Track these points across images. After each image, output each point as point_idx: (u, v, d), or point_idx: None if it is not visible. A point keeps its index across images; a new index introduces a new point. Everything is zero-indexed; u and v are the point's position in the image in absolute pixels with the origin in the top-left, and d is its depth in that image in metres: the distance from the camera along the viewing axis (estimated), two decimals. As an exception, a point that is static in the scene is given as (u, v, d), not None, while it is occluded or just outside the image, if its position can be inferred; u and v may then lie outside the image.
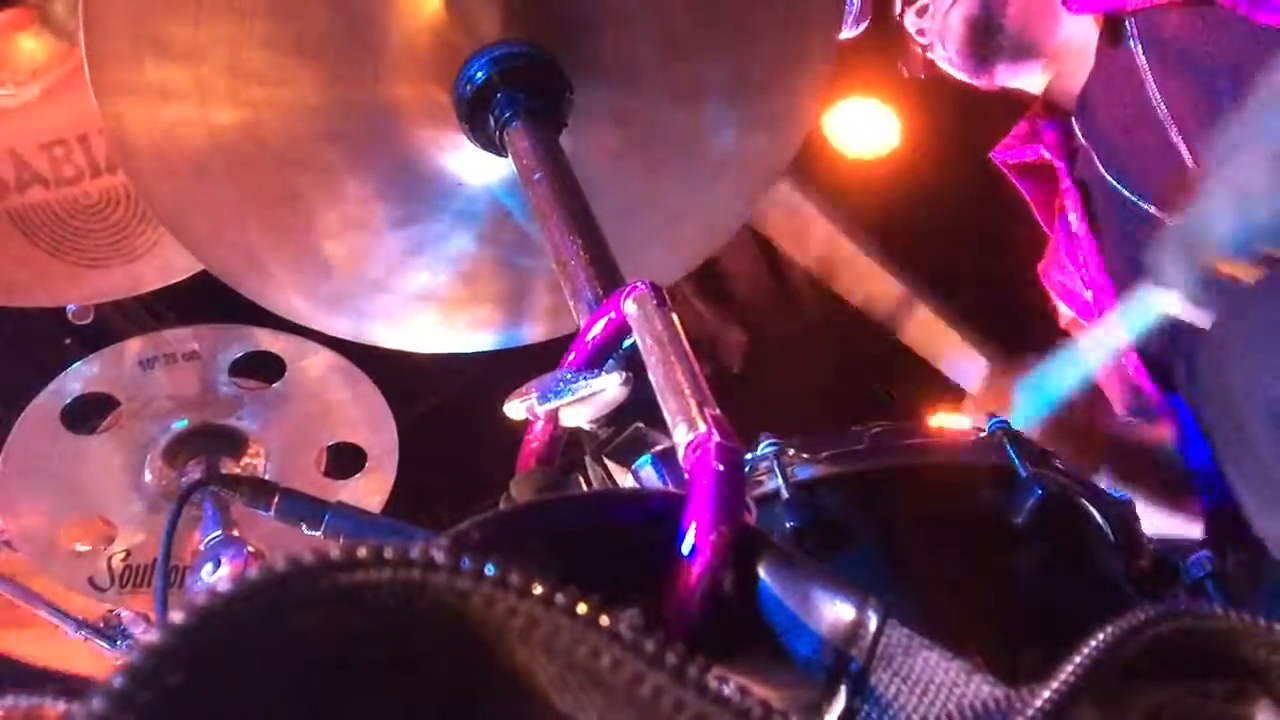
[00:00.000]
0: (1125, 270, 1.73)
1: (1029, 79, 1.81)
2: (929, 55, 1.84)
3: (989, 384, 1.43)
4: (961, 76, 1.84)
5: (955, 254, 3.71)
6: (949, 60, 1.81)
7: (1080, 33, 1.71)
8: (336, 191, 1.29)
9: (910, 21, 1.83)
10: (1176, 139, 1.55)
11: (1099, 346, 1.41)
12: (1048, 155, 1.80)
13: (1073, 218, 1.79)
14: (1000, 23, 1.75)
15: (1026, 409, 1.41)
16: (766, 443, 0.88)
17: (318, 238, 1.32)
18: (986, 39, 1.76)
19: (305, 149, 1.25)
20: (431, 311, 1.41)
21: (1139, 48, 1.59)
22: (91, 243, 1.67)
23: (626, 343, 0.79)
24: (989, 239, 3.66)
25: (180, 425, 1.84)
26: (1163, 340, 1.58)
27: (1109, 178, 1.70)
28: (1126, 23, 1.61)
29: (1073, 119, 1.78)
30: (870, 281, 1.91)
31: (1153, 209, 1.63)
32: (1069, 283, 1.86)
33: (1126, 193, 1.67)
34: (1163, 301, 1.24)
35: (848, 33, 1.75)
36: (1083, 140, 1.76)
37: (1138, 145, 1.64)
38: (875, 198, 3.52)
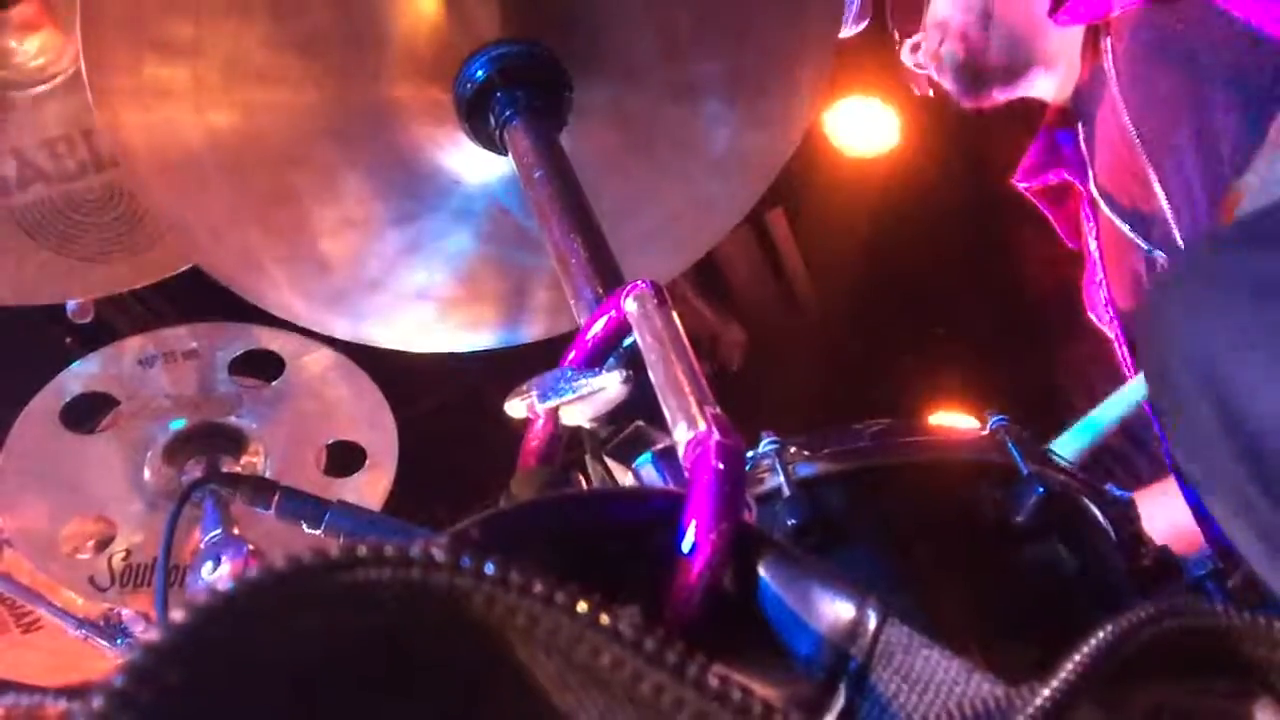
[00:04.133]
0: (1122, 294, 1.70)
1: (1030, 89, 1.80)
2: (931, 81, 1.85)
3: None
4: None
5: (954, 251, 3.71)
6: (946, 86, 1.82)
7: (1070, 37, 1.70)
8: (335, 191, 1.29)
9: (907, 57, 1.84)
10: (1149, 170, 1.52)
11: (1120, 402, 1.39)
12: (1069, 177, 1.77)
13: (1092, 243, 1.77)
14: (984, 61, 1.76)
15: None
16: (768, 440, 0.88)
17: (316, 237, 1.32)
18: (975, 78, 1.78)
19: (304, 148, 1.24)
20: (430, 310, 1.41)
21: (1110, 61, 1.58)
22: (95, 236, 1.66)
23: (627, 341, 0.79)
24: (988, 237, 3.66)
25: (180, 424, 1.84)
26: None
27: (1101, 203, 1.68)
28: (1103, 38, 1.60)
29: (1078, 121, 1.76)
30: None
31: (1135, 236, 1.60)
32: (1100, 305, 1.81)
33: (1115, 218, 1.65)
34: None
35: (848, 31, 1.74)
36: (1084, 149, 1.74)
37: (1116, 167, 1.62)
38: (875, 196, 3.53)
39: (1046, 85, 1.78)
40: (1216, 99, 1.39)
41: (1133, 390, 1.35)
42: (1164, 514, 1.56)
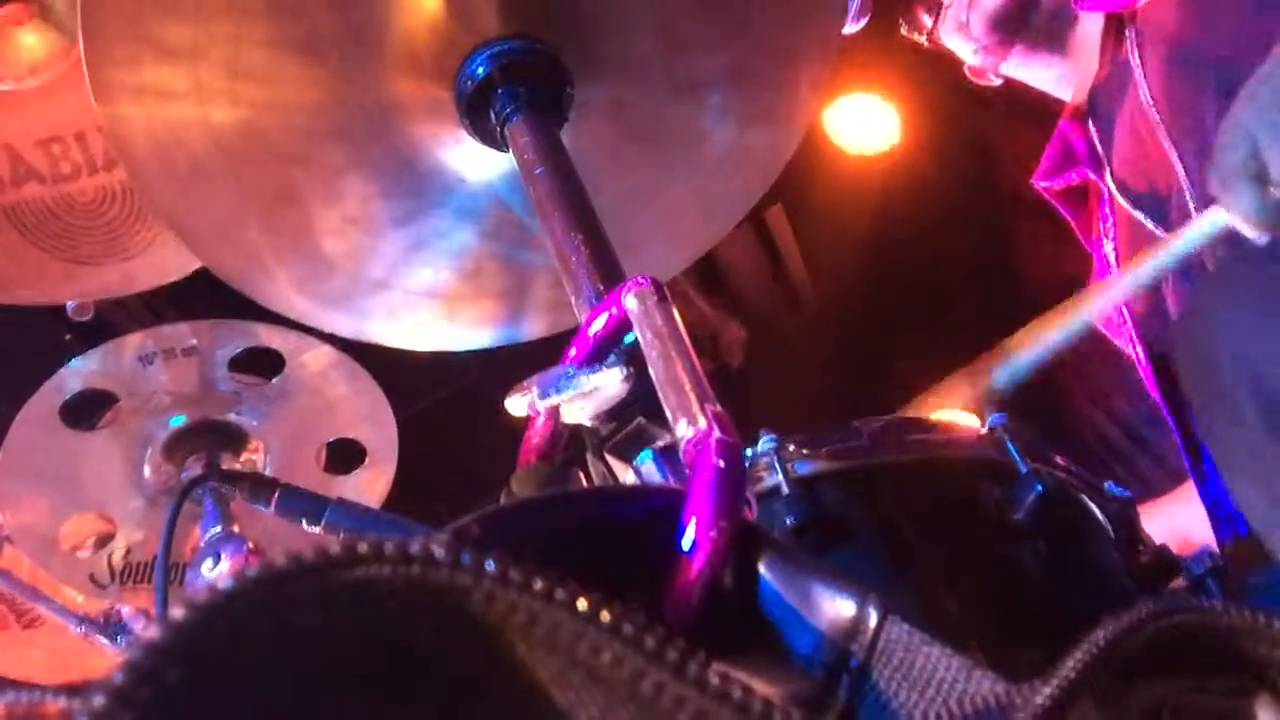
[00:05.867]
0: (1138, 298, 1.69)
1: (1037, 72, 1.79)
2: (938, 26, 1.81)
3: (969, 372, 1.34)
4: (963, 52, 1.80)
5: (955, 249, 3.71)
6: (963, 27, 1.77)
7: (1093, 31, 1.70)
8: (337, 190, 1.29)
9: None
10: (1170, 151, 1.52)
11: (1122, 284, 1.35)
12: (1092, 176, 1.76)
13: (1108, 244, 1.75)
14: (1039, 2, 1.73)
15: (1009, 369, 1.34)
16: (767, 438, 0.88)
17: (319, 236, 1.32)
18: (1021, 14, 1.74)
19: (305, 147, 1.24)
20: (434, 308, 1.41)
21: (1134, 51, 1.57)
22: (86, 240, 1.67)
23: (628, 338, 0.79)
24: (989, 235, 3.66)
25: (179, 421, 1.84)
26: (1167, 337, 1.55)
27: (1118, 195, 1.67)
28: (1127, 27, 1.60)
29: (1090, 122, 1.75)
30: None
31: (1153, 224, 1.59)
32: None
33: (1132, 209, 1.64)
34: (1221, 221, 1.18)
35: (849, 28, 1.73)
36: (1099, 148, 1.73)
37: (1136, 155, 1.62)
38: (875, 193, 3.53)
39: (1057, 77, 1.77)
40: (1242, 80, 1.39)
41: (1081, 309, 1.32)
42: (1165, 527, 1.56)
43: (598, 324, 0.81)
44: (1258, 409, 0.90)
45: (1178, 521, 1.62)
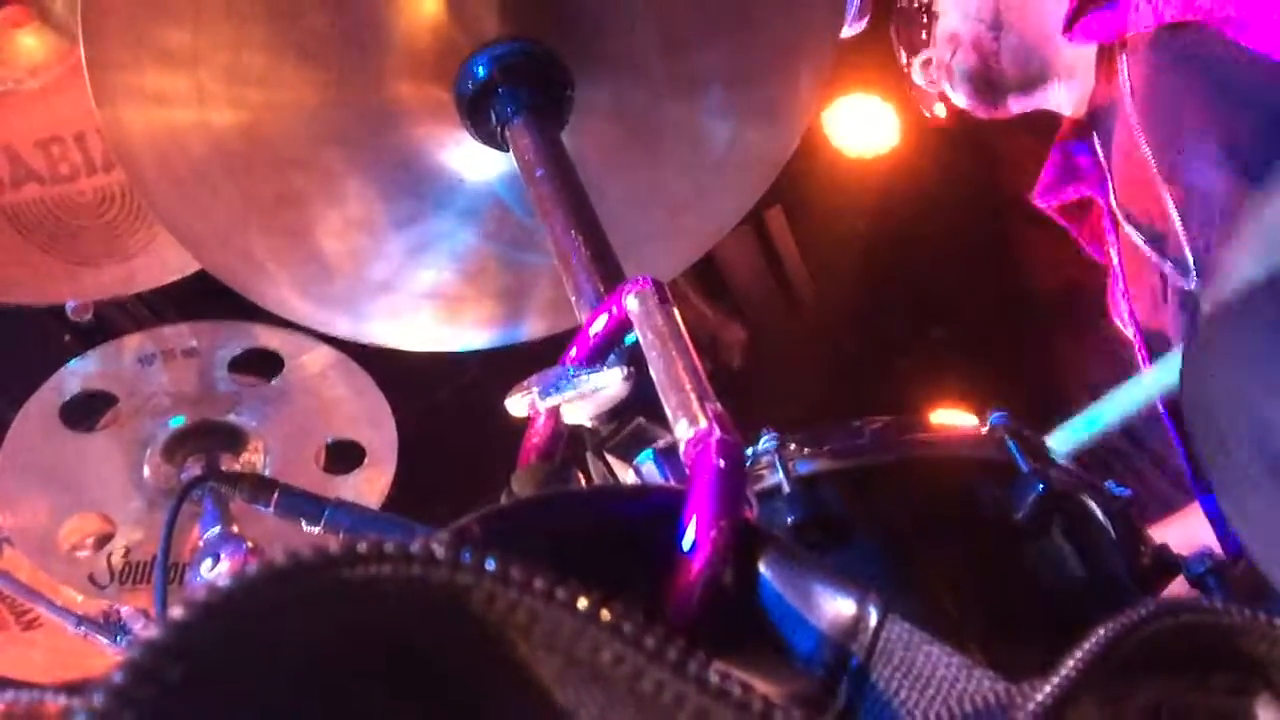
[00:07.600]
0: (1142, 307, 1.70)
1: (1046, 100, 1.80)
2: (943, 98, 1.84)
3: None
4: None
5: (953, 250, 3.71)
6: (945, 97, 1.82)
7: (1084, 51, 1.70)
8: (339, 192, 1.29)
9: (918, 75, 1.84)
10: (1159, 181, 1.52)
11: (1132, 396, 1.38)
12: (1094, 194, 1.77)
13: (1114, 254, 1.76)
14: (999, 69, 1.76)
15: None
16: (768, 437, 0.88)
17: (320, 239, 1.32)
18: (990, 87, 1.77)
19: (306, 150, 1.24)
20: (436, 310, 1.41)
21: (1125, 80, 1.58)
22: (85, 241, 1.67)
23: (628, 338, 0.79)
24: (988, 236, 3.66)
25: (179, 422, 1.84)
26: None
27: (1118, 211, 1.68)
28: (1119, 56, 1.60)
29: (1094, 134, 1.76)
30: None
31: (1151, 252, 1.60)
32: (1123, 314, 1.80)
33: (1133, 233, 1.65)
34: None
35: (848, 30, 1.74)
36: (1103, 162, 1.73)
37: (1132, 183, 1.62)
38: (874, 195, 3.53)
39: (1061, 97, 1.78)
40: (1228, 123, 1.40)
41: (1135, 392, 1.34)
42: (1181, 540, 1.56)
43: (598, 324, 0.81)
44: (1253, 445, 0.90)
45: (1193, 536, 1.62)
